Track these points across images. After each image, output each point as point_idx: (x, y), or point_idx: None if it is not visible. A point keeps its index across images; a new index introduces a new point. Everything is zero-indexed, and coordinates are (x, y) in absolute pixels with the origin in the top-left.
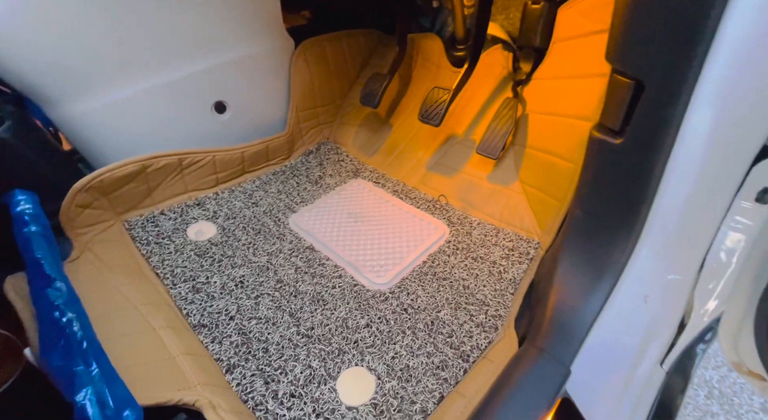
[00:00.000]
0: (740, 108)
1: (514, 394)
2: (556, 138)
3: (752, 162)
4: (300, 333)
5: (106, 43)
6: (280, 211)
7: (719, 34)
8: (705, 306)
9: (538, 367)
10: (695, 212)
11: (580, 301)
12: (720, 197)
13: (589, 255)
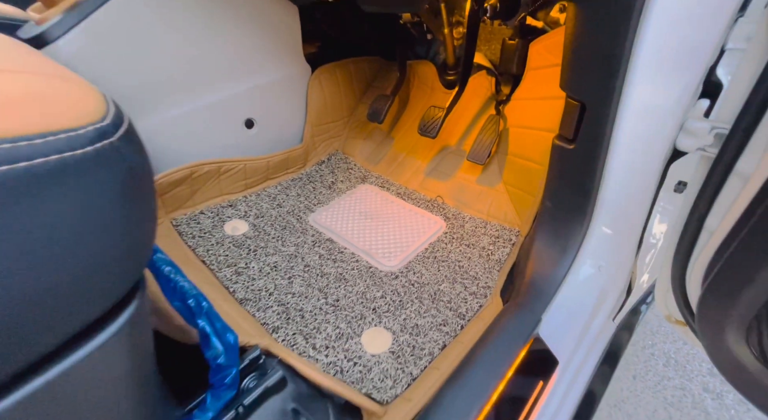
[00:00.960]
0: (649, 123)
1: (500, 335)
2: (530, 146)
3: (668, 161)
4: (328, 303)
5: (173, 72)
6: (301, 211)
7: (629, 72)
8: (644, 274)
9: (516, 316)
10: (630, 200)
11: (549, 270)
12: (647, 188)
13: (556, 235)
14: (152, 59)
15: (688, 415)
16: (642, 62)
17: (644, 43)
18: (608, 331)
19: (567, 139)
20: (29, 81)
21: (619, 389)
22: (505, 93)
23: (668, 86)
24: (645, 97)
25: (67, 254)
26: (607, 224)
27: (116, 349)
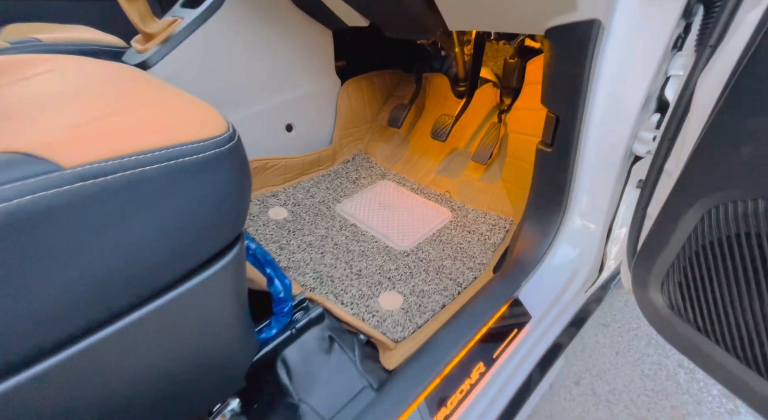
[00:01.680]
0: (609, 132)
1: (486, 296)
2: (525, 150)
3: (632, 163)
4: (353, 273)
5: (235, 87)
6: (330, 201)
7: (590, 92)
8: (613, 256)
9: (501, 282)
10: (598, 194)
11: (531, 250)
12: (612, 185)
13: (538, 222)
14: (220, 78)
15: (661, 385)
16: (599, 85)
17: (600, 71)
18: (580, 300)
19: (546, 144)
20: (179, 107)
21: (602, 362)
22: (506, 103)
23: (621, 103)
24: (603, 112)
25: (209, 211)
26: (580, 214)
27: (227, 275)
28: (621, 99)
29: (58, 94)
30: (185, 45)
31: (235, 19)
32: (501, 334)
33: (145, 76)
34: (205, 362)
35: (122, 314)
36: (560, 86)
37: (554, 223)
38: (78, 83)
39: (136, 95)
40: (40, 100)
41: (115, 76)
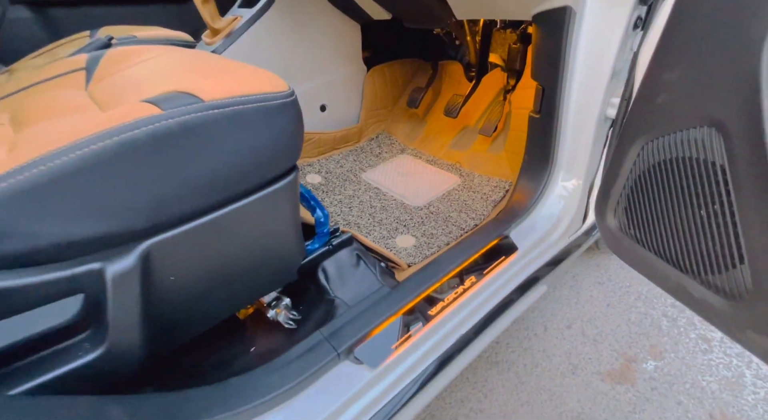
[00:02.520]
0: (585, 100)
1: (482, 232)
2: (525, 122)
3: (609, 127)
4: (375, 221)
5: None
6: (357, 171)
7: (567, 66)
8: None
9: (494, 223)
10: (579, 154)
11: (523, 200)
12: (591, 146)
13: (529, 178)
14: (269, 65)
15: (644, 329)
16: (576, 60)
17: (576, 49)
18: (563, 243)
19: (536, 112)
20: (255, 72)
21: (593, 311)
22: (511, 84)
23: (594, 75)
24: (579, 83)
25: (279, 139)
26: (564, 171)
27: (289, 190)
28: (594, 71)
29: (174, 67)
30: (243, 38)
31: (281, 17)
32: (491, 257)
33: (220, 56)
34: (273, 253)
35: (226, 203)
36: (544, 62)
37: (543, 179)
38: (184, 59)
39: (224, 66)
40: (164, 70)
41: (204, 56)
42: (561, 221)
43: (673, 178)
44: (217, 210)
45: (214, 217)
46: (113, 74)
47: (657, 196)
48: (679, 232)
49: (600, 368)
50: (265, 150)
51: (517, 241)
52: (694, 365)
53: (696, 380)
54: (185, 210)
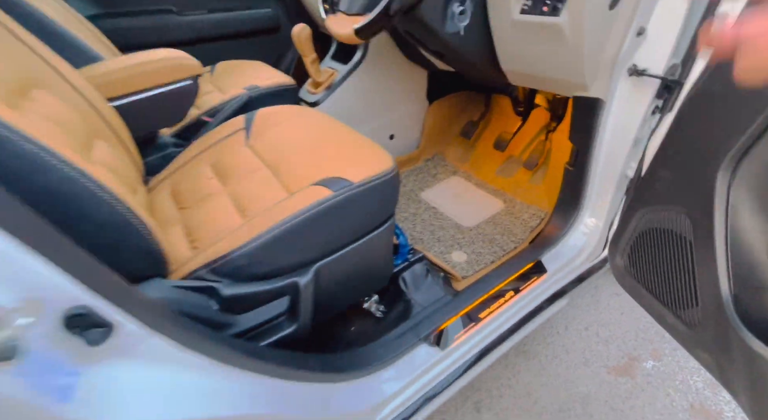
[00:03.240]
0: (610, 163)
1: (520, 254)
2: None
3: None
4: (434, 238)
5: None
6: (417, 190)
7: (598, 137)
8: None
9: (531, 249)
10: (601, 200)
11: (555, 232)
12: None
13: (562, 214)
14: (358, 107)
15: (649, 336)
16: (604, 133)
17: (605, 125)
18: (585, 266)
19: (570, 165)
20: (372, 149)
21: (608, 317)
22: (553, 125)
23: (618, 146)
24: (606, 150)
25: (387, 200)
26: (590, 212)
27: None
28: (618, 141)
29: (312, 139)
30: (340, 89)
31: (367, 70)
32: (526, 277)
33: (333, 121)
34: (375, 268)
35: (355, 241)
36: (579, 131)
37: (571, 217)
38: (315, 131)
39: (349, 141)
40: (305, 142)
41: (326, 123)
42: (583, 251)
43: (660, 240)
44: (350, 245)
45: (348, 250)
46: (267, 132)
47: (650, 250)
48: (662, 279)
49: (608, 363)
50: (381, 206)
51: (547, 264)
52: (686, 367)
53: (685, 379)
54: (336, 246)
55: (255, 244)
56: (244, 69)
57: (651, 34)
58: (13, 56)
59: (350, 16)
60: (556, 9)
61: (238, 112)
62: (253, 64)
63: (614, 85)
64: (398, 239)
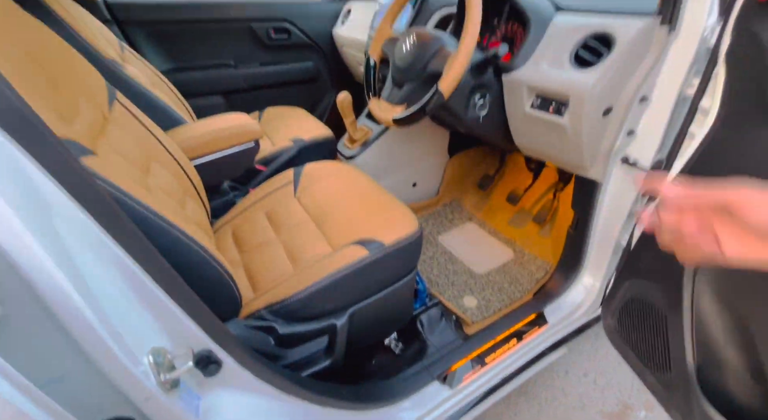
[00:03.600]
0: (607, 229)
1: (525, 305)
2: (567, 220)
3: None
4: (449, 282)
5: (394, 163)
6: (435, 233)
7: (597, 208)
8: None
9: (535, 301)
10: (599, 263)
11: (557, 287)
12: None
13: (564, 272)
14: (388, 162)
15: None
16: (602, 208)
17: (602, 202)
18: (583, 319)
19: (572, 229)
20: (400, 210)
21: (606, 366)
22: (560, 186)
23: (613, 220)
24: (603, 221)
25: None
26: (588, 272)
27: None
28: (613, 215)
29: (347, 196)
30: (373, 146)
31: (398, 129)
32: (528, 329)
33: (368, 180)
34: (398, 311)
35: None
36: (580, 203)
37: (572, 275)
38: (353, 188)
39: (379, 199)
40: (345, 199)
41: (362, 182)
42: (581, 307)
43: (643, 309)
44: (379, 293)
45: (377, 297)
46: (311, 187)
47: (635, 316)
48: (643, 342)
49: (603, 409)
50: (407, 262)
51: (549, 316)
52: None
53: None
54: (368, 294)
55: (305, 292)
56: (289, 117)
57: (640, 134)
58: (138, 137)
59: (391, 105)
60: (560, 111)
61: (287, 163)
62: (296, 112)
63: (610, 171)
64: (418, 285)
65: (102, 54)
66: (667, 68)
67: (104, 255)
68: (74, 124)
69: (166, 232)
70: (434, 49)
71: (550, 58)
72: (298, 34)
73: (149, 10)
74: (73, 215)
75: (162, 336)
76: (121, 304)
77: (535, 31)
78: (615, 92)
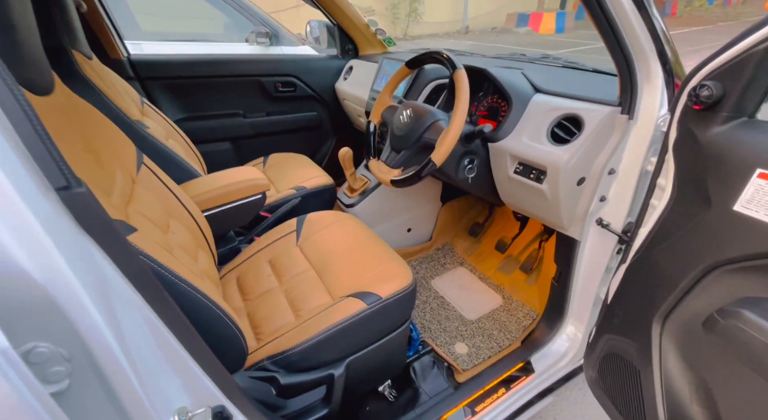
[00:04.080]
0: (584, 286)
1: (512, 355)
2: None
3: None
4: (441, 328)
5: (390, 212)
6: (428, 277)
7: (575, 265)
8: None
9: (522, 350)
10: (582, 314)
11: (543, 336)
12: (590, 311)
13: (549, 321)
14: (382, 210)
15: None
16: (581, 261)
17: (581, 257)
18: (568, 367)
19: (556, 281)
20: (395, 262)
21: (593, 413)
22: (545, 236)
23: (592, 272)
24: (583, 275)
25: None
26: (572, 321)
27: (404, 331)
28: (592, 270)
29: (346, 247)
30: (371, 196)
31: None
32: (516, 377)
33: (366, 230)
34: (392, 360)
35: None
36: (561, 258)
37: (556, 325)
38: (351, 239)
39: (375, 250)
40: (344, 250)
41: (361, 233)
42: (566, 355)
43: (619, 364)
44: (375, 343)
45: (373, 347)
46: (313, 236)
47: (613, 369)
48: (621, 395)
49: None
50: (401, 313)
51: (536, 364)
52: None
53: None
54: (364, 345)
55: (306, 344)
56: (292, 164)
57: (611, 200)
58: (159, 195)
59: (389, 167)
60: (539, 179)
61: (290, 211)
62: (298, 160)
63: (586, 231)
64: (412, 333)
65: (129, 117)
66: (629, 148)
67: (143, 321)
68: (113, 196)
69: (189, 295)
70: (429, 122)
71: (529, 133)
72: (303, 87)
73: (168, 66)
74: (124, 291)
75: (183, 394)
76: (154, 365)
77: (516, 108)
78: (586, 166)
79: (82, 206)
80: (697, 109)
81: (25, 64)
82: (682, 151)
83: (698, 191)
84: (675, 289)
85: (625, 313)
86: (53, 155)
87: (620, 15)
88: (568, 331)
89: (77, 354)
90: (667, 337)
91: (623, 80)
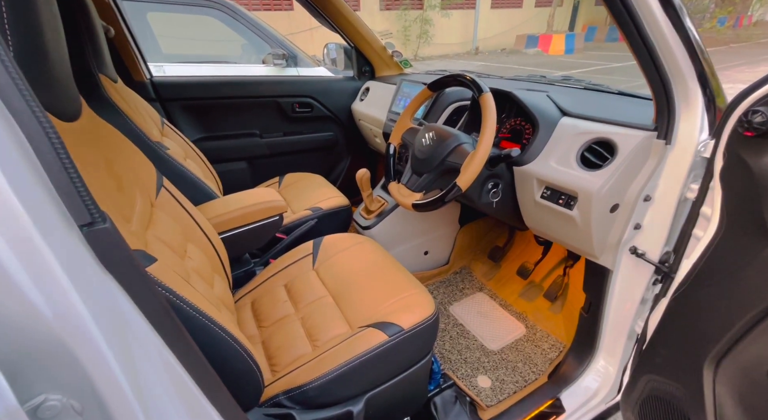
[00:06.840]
0: (618, 318)
1: (539, 392)
2: (577, 297)
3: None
4: (461, 358)
5: (407, 234)
6: (446, 303)
7: (606, 296)
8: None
9: (550, 386)
10: (615, 348)
11: (572, 371)
12: (624, 345)
13: (578, 355)
14: (401, 232)
15: None
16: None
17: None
18: (601, 407)
19: (585, 312)
20: (417, 291)
21: None
22: (570, 262)
23: (623, 308)
24: (615, 305)
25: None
26: (603, 357)
27: (426, 364)
28: (625, 302)
29: (365, 272)
30: (388, 218)
31: None
32: (547, 415)
33: (384, 255)
34: (415, 394)
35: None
36: (592, 287)
37: (587, 359)
38: (369, 264)
39: (395, 277)
40: (362, 276)
41: (379, 257)
42: (598, 393)
43: (664, 407)
44: (395, 378)
45: (393, 381)
46: (330, 259)
47: (656, 413)
48: None
49: None
50: (423, 346)
51: (566, 402)
52: None
53: None
54: (384, 379)
55: (323, 379)
56: (308, 184)
57: (646, 228)
58: (177, 218)
59: (410, 191)
60: (569, 205)
61: (306, 232)
62: (314, 180)
63: (619, 259)
64: (432, 366)
65: (150, 138)
66: (666, 174)
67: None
68: (132, 222)
69: (208, 329)
70: (453, 146)
71: (557, 157)
72: (320, 107)
73: (188, 87)
74: (141, 329)
75: None
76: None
77: (543, 131)
78: (620, 192)
79: (105, 243)
80: (749, 135)
81: (54, 90)
82: (731, 180)
83: (752, 223)
84: (729, 331)
85: (669, 352)
86: (79, 190)
87: (656, 34)
88: (599, 366)
89: (90, 405)
90: (723, 382)
91: (659, 103)
